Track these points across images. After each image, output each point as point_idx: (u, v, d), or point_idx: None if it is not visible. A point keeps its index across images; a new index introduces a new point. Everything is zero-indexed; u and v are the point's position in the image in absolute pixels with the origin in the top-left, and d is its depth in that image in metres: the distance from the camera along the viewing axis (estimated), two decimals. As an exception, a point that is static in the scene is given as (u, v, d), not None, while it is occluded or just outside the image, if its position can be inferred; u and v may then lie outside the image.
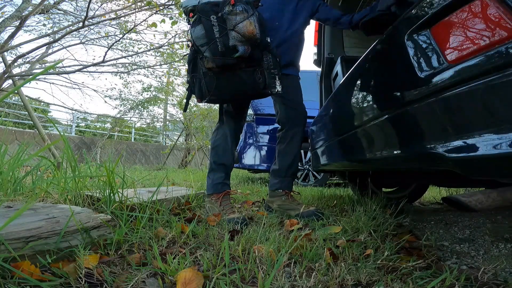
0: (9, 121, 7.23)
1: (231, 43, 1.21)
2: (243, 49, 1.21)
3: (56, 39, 4.25)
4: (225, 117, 1.56)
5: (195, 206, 1.56)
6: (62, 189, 1.25)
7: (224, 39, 1.21)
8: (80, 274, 0.65)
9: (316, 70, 2.42)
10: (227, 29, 1.21)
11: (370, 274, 0.74)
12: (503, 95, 0.50)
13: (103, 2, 4.77)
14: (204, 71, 1.28)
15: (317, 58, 2.40)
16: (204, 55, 1.24)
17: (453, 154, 0.59)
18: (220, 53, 1.22)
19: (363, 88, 1.09)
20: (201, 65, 1.28)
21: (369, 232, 1.09)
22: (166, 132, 12.60)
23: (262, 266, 0.76)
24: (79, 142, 8.31)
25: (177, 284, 0.64)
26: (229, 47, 1.21)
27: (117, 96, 9.61)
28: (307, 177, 3.91)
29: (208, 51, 1.23)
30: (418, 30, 0.70)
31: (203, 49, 1.24)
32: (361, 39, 2.31)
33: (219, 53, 1.22)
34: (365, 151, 1.08)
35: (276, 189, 1.63)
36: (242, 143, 4.13)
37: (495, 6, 0.52)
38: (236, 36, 1.21)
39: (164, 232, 0.99)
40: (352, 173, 2.26)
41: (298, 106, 1.67)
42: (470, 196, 1.66)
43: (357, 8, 2.15)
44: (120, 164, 2.08)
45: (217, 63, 1.23)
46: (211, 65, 1.24)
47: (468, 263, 0.90)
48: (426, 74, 0.66)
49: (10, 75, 3.30)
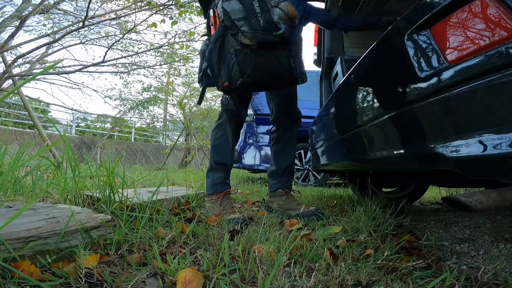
0: (9, 121, 7.23)
1: (275, 18, 1.15)
2: (285, 27, 1.16)
3: (56, 39, 4.25)
4: (225, 115, 1.53)
5: (195, 206, 1.55)
6: (62, 189, 1.25)
7: (266, 15, 1.15)
8: (80, 274, 0.65)
9: (316, 70, 2.42)
10: (269, 5, 1.16)
11: (370, 274, 0.74)
12: (503, 95, 0.50)
13: (103, 2, 4.78)
14: (238, 48, 1.17)
15: (317, 58, 2.40)
16: (240, 30, 1.15)
17: (453, 154, 0.59)
18: (262, 28, 1.14)
19: (363, 88, 1.09)
20: (234, 43, 1.17)
21: (369, 232, 1.09)
22: (166, 132, 12.61)
23: (262, 266, 0.76)
24: (79, 142, 8.31)
25: (177, 284, 0.64)
26: (272, 23, 1.15)
27: (117, 96, 9.63)
28: (307, 177, 3.91)
29: (247, 25, 1.14)
30: (418, 30, 0.70)
31: (239, 23, 1.14)
32: (361, 39, 2.31)
33: (261, 28, 1.14)
34: (365, 151, 1.08)
35: (275, 189, 1.62)
36: (242, 143, 4.13)
37: (495, 6, 0.52)
38: (280, 13, 1.15)
39: (164, 232, 0.99)
40: (352, 173, 2.26)
41: (295, 106, 1.66)
42: (470, 196, 1.66)
43: (357, 8, 2.15)
44: (120, 164, 2.08)
45: (258, 38, 1.14)
46: (249, 41, 1.15)
47: (468, 263, 0.90)
48: (426, 74, 0.66)
49: (10, 75, 3.30)
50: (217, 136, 1.53)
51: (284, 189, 1.60)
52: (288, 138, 1.65)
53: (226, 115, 1.53)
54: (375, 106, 0.94)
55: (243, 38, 1.15)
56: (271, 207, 1.61)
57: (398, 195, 2.29)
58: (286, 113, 1.64)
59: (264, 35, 1.15)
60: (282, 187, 1.61)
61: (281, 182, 1.62)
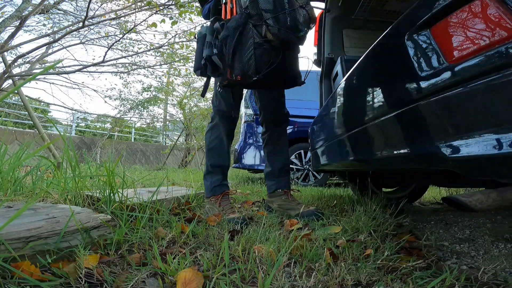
0: (9, 121, 7.23)
1: (300, 20, 1.11)
2: (304, 31, 1.12)
3: (56, 39, 4.25)
4: (218, 116, 1.50)
5: (195, 206, 1.55)
6: (62, 189, 1.25)
7: (293, 13, 1.09)
8: (80, 274, 0.65)
9: (316, 70, 2.42)
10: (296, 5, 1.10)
11: (370, 274, 0.74)
12: (503, 95, 0.50)
13: (103, 2, 4.78)
14: (258, 41, 1.10)
15: (317, 58, 2.40)
16: (266, 23, 1.08)
17: (453, 154, 0.59)
18: (289, 26, 1.08)
19: (362, 88, 1.09)
20: (255, 35, 1.10)
21: (369, 232, 1.09)
22: (166, 132, 12.61)
23: (262, 266, 0.76)
24: (79, 142, 8.31)
25: (177, 284, 0.64)
26: (298, 23, 1.09)
27: (117, 96, 9.64)
28: (307, 177, 3.91)
29: (273, 19, 1.07)
30: (418, 30, 0.70)
31: (266, 15, 1.07)
32: (361, 39, 2.31)
33: (287, 26, 1.08)
34: (365, 151, 1.08)
35: (274, 190, 1.62)
36: (242, 143, 4.13)
37: (495, 6, 0.52)
38: (305, 15, 1.12)
39: (164, 232, 0.99)
40: (352, 173, 2.26)
41: (283, 107, 1.64)
42: (470, 196, 1.66)
43: (357, 8, 2.15)
44: (120, 164, 2.08)
45: (282, 36, 1.08)
46: (272, 36, 1.09)
47: (468, 263, 0.90)
48: (426, 74, 0.66)
49: (10, 75, 3.30)
50: (211, 139, 1.51)
51: (283, 189, 1.60)
52: (278, 138, 1.63)
53: (218, 117, 1.50)
54: (375, 106, 0.94)
55: (267, 32, 1.09)
56: (271, 207, 1.61)
57: (398, 195, 2.29)
58: (274, 114, 1.61)
59: (288, 33, 1.09)
60: (281, 187, 1.61)
61: (280, 183, 1.61)
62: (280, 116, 1.62)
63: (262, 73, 1.10)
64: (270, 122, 1.62)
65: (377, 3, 2.08)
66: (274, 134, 1.63)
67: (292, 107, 3.99)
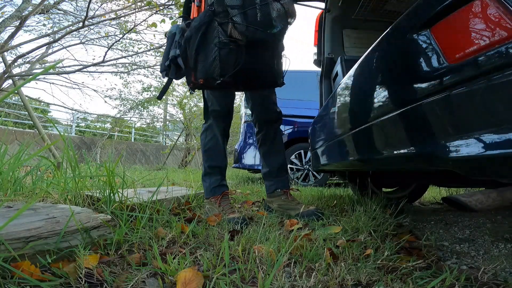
0: (9, 121, 7.23)
1: (273, 14, 1.01)
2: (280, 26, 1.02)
3: (56, 39, 4.25)
4: (211, 116, 1.46)
5: (195, 206, 1.55)
6: (62, 189, 1.25)
7: (265, 8, 1.00)
8: (80, 274, 0.65)
9: (316, 70, 2.42)
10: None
11: (370, 274, 0.74)
12: (503, 95, 0.50)
13: (103, 2, 4.78)
14: (223, 40, 1.01)
15: (317, 58, 2.40)
16: (232, 20, 0.99)
17: (453, 154, 0.59)
18: (258, 22, 0.99)
19: (362, 88, 1.09)
20: (220, 33, 1.01)
21: (369, 232, 1.09)
22: (166, 132, 12.61)
23: (262, 266, 0.76)
24: (79, 142, 8.31)
25: (177, 284, 0.64)
26: (270, 18, 1.00)
27: (117, 96, 9.63)
28: (307, 177, 3.91)
29: (240, 16, 0.98)
30: (418, 30, 0.70)
31: (233, 11, 0.98)
32: (361, 39, 2.31)
33: (256, 23, 0.99)
34: (365, 151, 1.08)
35: (274, 190, 1.61)
36: (242, 143, 4.14)
37: (495, 6, 0.52)
38: (280, 10, 1.02)
39: (164, 232, 0.99)
40: (352, 173, 2.26)
41: (274, 106, 1.60)
42: (470, 196, 1.66)
43: (357, 8, 2.15)
44: (120, 164, 2.08)
45: (249, 34, 0.99)
46: (238, 35, 1.00)
47: (468, 263, 0.90)
48: (426, 74, 0.66)
49: (10, 75, 3.30)
50: (206, 140, 1.49)
51: (282, 189, 1.59)
52: (272, 138, 1.60)
53: (212, 117, 1.47)
54: (375, 106, 0.94)
55: (232, 30, 1.01)
56: (271, 207, 1.60)
57: (398, 195, 2.29)
58: (266, 113, 1.57)
59: (257, 31, 1.00)
60: (280, 187, 1.60)
61: (278, 183, 1.60)
62: (272, 115, 1.58)
63: (228, 75, 1.03)
64: (262, 122, 1.59)
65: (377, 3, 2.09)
66: (268, 134, 1.60)
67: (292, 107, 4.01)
